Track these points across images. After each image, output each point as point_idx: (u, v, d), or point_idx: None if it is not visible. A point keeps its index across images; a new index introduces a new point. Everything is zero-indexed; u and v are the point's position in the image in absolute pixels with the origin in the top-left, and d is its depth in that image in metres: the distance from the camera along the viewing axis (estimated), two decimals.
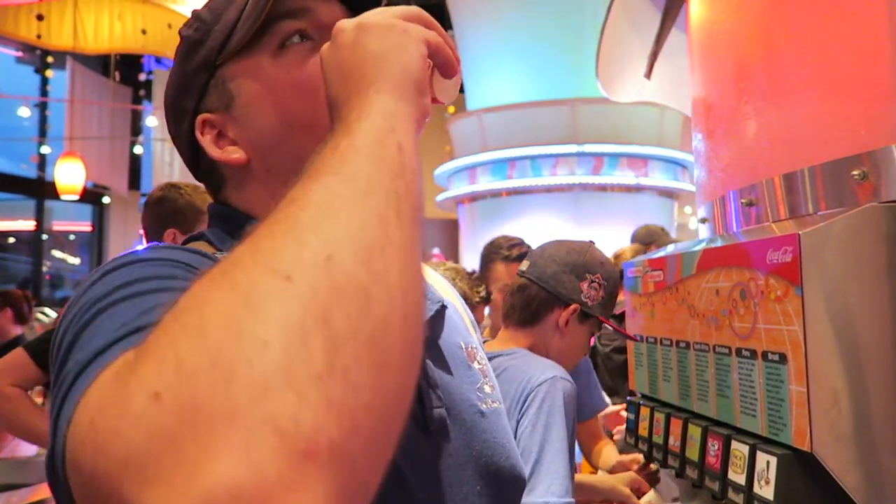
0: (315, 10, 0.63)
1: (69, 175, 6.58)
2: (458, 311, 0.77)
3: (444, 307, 0.68)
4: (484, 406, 0.67)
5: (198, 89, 0.65)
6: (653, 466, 1.42)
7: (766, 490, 0.95)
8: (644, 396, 1.41)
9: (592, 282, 1.30)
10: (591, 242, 1.35)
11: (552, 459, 1.12)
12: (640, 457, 1.44)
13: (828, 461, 0.89)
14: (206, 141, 0.65)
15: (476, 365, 0.71)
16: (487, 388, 0.69)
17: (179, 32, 0.67)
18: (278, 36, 0.62)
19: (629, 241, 3.60)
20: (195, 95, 0.66)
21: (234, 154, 0.64)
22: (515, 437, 1.11)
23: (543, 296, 1.30)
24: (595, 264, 1.33)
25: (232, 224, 0.64)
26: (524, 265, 1.27)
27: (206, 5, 0.67)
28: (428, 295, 0.67)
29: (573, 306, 1.30)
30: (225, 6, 0.65)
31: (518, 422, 1.15)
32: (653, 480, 1.47)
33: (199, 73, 0.65)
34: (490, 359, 1.22)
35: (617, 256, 3.27)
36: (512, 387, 1.17)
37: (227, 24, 0.63)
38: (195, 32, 0.66)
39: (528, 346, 1.30)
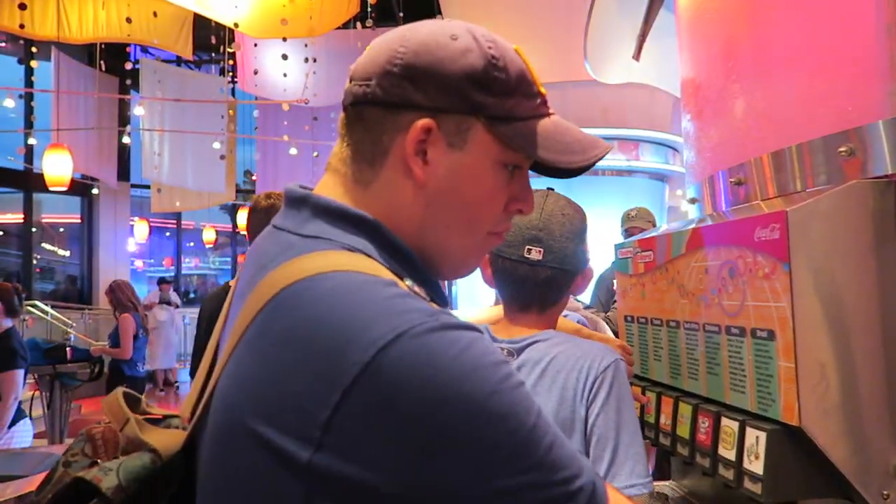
0: (525, 166, 0.73)
1: (57, 166, 6.52)
2: None
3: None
4: None
5: (448, 104, 0.66)
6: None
7: (755, 465, 0.96)
8: (635, 376, 1.42)
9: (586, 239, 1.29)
10: (552, 189, 1.30)
11: (630, 443, 1.11)
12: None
13: (816, 435, 0.90)
14: (411, 137, 0.66)
15: None
16: None
17: (485, 56, 0.67)
18: (510, 161, 0.70)
19: (620, 223, 3.61)
20: (440, 102, 0.66)
21: (419, 169, 0.66)
22: (586, 425, 1.12)
23: (567, 278, 1.25)
24: (585, 218, 1.30)
25: (381, 237, 0.66)
26: (536, 253, 1.21)
27: (512, 61, 0.69)
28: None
29: (586, 270, 1.27)
30: (519, 90, 0.69)
31: (587, 409, 1.13)
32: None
33: (464, 101, 0.66)
34: (528, 345, 1.19)
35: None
36: (572, 375, 1.14)
37: (512, 113, 0.68)
38: (493, 80, 0.67)
39: (550, 326, 1.26)
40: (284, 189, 0.71)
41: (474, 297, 5.06)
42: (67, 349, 5.44)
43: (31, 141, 8.96)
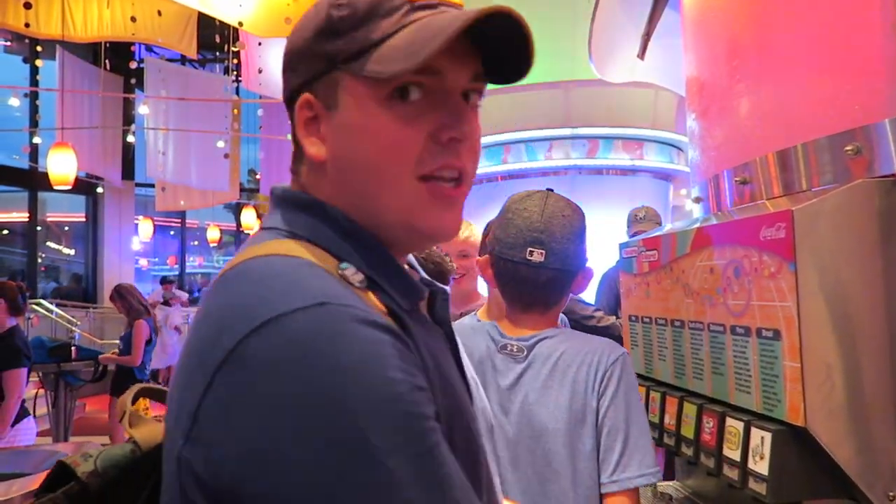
0: (445, 73, 0.61)
1: (61, 165, 6.53)
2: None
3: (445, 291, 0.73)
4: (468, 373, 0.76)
5: (312, 71, 0.64)
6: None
7: (760, 465, 0.96)
8: (640, 376, 1.42)
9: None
10: (551, 190, 1.33)
11: (639, 435, 1.16)
12: None
13: (821, 435, 0.90)
14: (299, 118, 0.64)
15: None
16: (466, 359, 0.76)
17: (327, 5, 0.64)
18: (393, 84, 0.60)
19: (626, 223, 3.59)
20: (308, 73, 0.64)
21: (313, 148, 0.64)
22: (598, 417, 1.17)
23: (569, 278, 1.27)
24: (584, 217, 1.32)
25: (329, 219, 0.63)
26: (538, 255, 1.23)
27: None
28: (430, 282, 0.72)
29: (586, 270, 1.30)
30: (373, 13, 0.62)
31: (598, 401, 1.17)
32: None
33: (320, 60, 0.63)
34: (537, 342, 1.23)
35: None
36: (582, 369, 1.18)
37: (366, 40, 0.60)
38: (338, 21, 0.62)
39: (553, 324, 1.30)
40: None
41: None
42: (73, 348, 5.45)
43: (36, 140, 8.98)
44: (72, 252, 13.75)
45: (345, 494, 0.45)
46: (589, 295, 3.43)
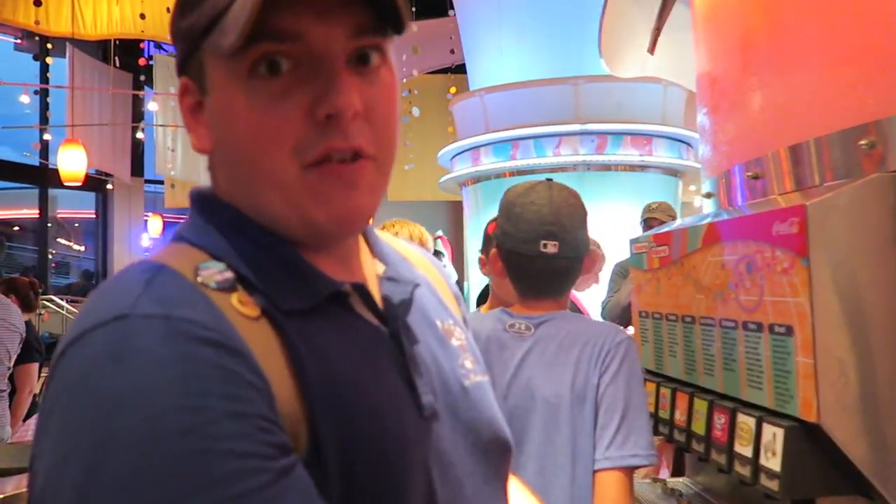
0: (307, 35, 0.50)
1: (71, 162, 6.57)
2: (433, 287, 0.71)
3: (415, 286, 0.63)
4: (466, 381, 0.63)
5: (182, 52, 0.56)
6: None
7: (772, 462, 0.95)
8: (650, 372, 1.41)
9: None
10: (550, 179, 1.38)
11: (637, 416, 1.19)
12: None
13: (834, 432, 0.89)
14: (183, 106, 0.57)
15: (454, 342, 0.66)
16: (469, 363, 0.66)
17: None
18: (249, 58, 0.50)
19: (640, 218, 3.59)
20: (181, 55, 0.56)
21: (196, 139, 0.57)
22: (597, 394, 1.20)
23: (580, 264, 1.36)
24: (582, 202, 1.38)
25: (215, 216, 0.56)
26: (552, 247, 1.28)
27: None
28: (399, 277, 0.62)
29: (591, 252, 1.37)
30: (176, 40, 0.56)
31: (599, 378, 1.21)
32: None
33: (184, 38, 0.55)
34: (544, 322, 1.28)
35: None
36: (587, 348, 1.22)
37: (214, 9, 0.51)
38: (173, 33, 0.56)
39: (564, 307, 1.35)
40: None
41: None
42: None
43: (47, 137, 9.03)
44: (82, 248, 13.84)
45: None
46: (602, 290, 3.45)
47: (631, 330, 1.59)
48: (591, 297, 3.32)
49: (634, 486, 1.44)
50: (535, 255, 1.27)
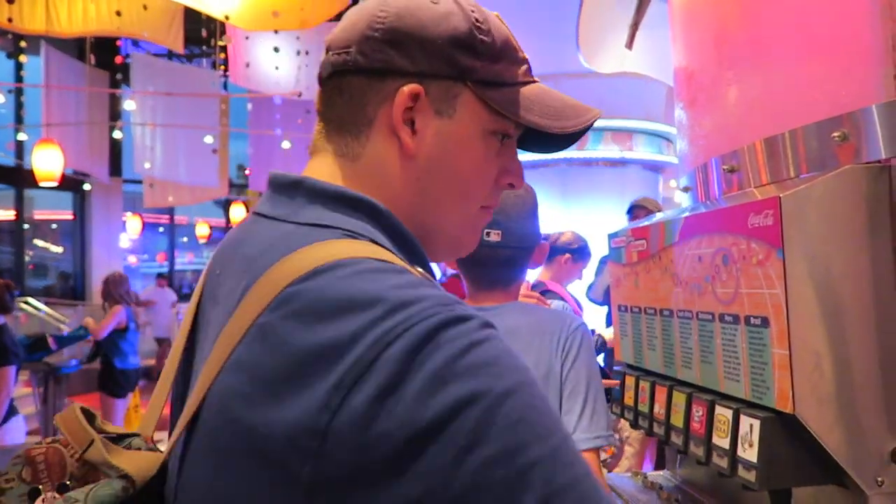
0: (513, 136, 0.70)
1: (46, 161, 6.47)
2: None
3: None
4: None
5: (434, 69, 0.63)
6: None
7: (749, 453, 0.96)
8: (629, 366, 1.41)
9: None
10: None
11: (596, 397, 1.23)
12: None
13: (810, 422, 0.90)
14: (399, 104, 0.61)
15: None
16: None
17: (469, 19, 0.64)
18: (502, 126, 0.66)
19: (626, 213, 3.62)
20: (426, 67, 0.62)
21: (409, 138, 0.62)
22: (561, 380, 1.25)
23: (527, 254, 1.36)
24: (535, 194, 1.39)
25: (382, 219, 0.61)
26: (495, 236, 1.29)
27: (496, 26, 0.66)
28: None
29: (542, 244, 1.38)
30: (507, 55, 0.66)
31: (562, 364, 1.25)
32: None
33: (449, 65, 0.63)
34: (496, 315, 1.28)
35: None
36: (545, 336, 1.26)
37: (499, 76, 0.65)
38: (479, 43, 0.64)
39: (515, 298, 1.38)
40: (271, 175, 0.66)
41: None
42: (49, 338, 5.44)
43: (22, 136, 8.89)
44: (60, 250, 13.65)
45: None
46: (585, 278, 3.49)
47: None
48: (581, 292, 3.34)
49: (615, 480, 1.44)
50: (479, 245, 1.30)
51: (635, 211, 3.46)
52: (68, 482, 0.54)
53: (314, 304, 0.49)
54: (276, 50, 6.69)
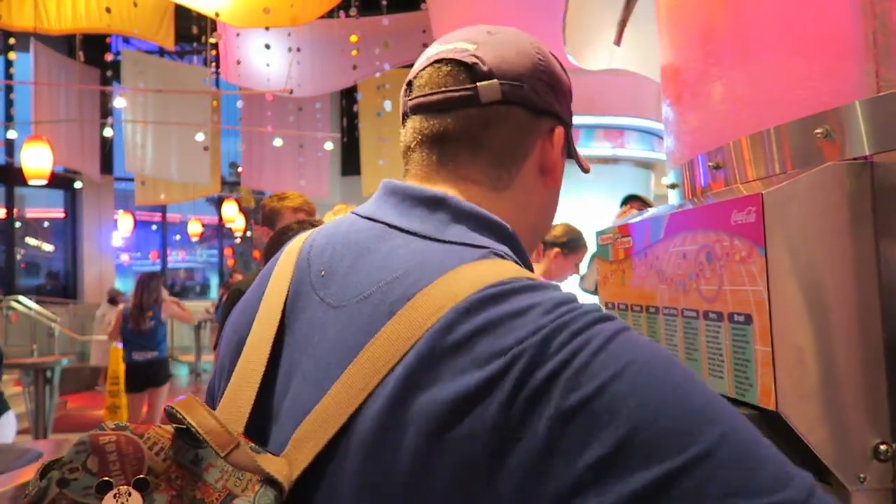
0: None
1: (36, 159, 6.42)
2: None
3: None
4: None
5: (565, 114, 0.74)
6: None
7: None
8: None
9: None
10: None
11: None
12: None
13: (793, 419, 0.90)
14: (558, 143, 0.72)
15: None
16: None
17: (557, 66, 0.75)
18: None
19: (619, 203, 3.63)
20: (563, 112, 0.74)
21: (560, 174, 0.76)
22: None
23: None
24: None
25: (515, 245, 0.66)
26: None
27: (554, 62, 0.73)
28: None
29: None
30: (557, 91, 0.72)
31: None
32: None
33: (566, 110, 0.74)
34: None
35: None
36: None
37: (569, 117, 0.75)
38: (569, 92, 0.75)
39: None
40: (391, 185, 0.69)
41: None
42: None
43: (11, 134, 8.83)
44: (51, 248, 13.57)
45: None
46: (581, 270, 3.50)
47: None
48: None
49: None
50: None
51: (631, 202, 3.46)
52: (146, 477, 0.48)
53: (497, 317, 0.52)
54: (268, 47, 6.66)
